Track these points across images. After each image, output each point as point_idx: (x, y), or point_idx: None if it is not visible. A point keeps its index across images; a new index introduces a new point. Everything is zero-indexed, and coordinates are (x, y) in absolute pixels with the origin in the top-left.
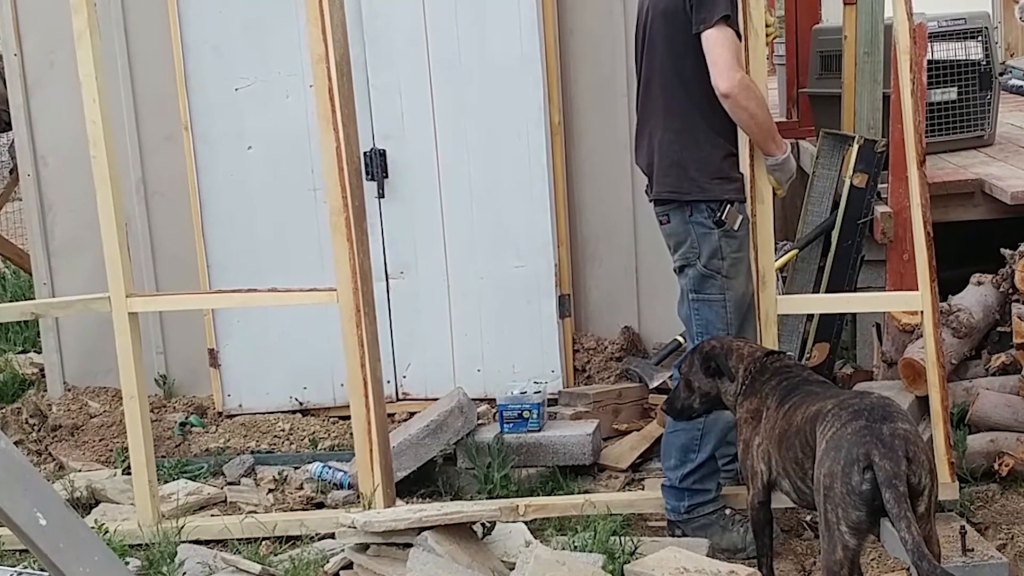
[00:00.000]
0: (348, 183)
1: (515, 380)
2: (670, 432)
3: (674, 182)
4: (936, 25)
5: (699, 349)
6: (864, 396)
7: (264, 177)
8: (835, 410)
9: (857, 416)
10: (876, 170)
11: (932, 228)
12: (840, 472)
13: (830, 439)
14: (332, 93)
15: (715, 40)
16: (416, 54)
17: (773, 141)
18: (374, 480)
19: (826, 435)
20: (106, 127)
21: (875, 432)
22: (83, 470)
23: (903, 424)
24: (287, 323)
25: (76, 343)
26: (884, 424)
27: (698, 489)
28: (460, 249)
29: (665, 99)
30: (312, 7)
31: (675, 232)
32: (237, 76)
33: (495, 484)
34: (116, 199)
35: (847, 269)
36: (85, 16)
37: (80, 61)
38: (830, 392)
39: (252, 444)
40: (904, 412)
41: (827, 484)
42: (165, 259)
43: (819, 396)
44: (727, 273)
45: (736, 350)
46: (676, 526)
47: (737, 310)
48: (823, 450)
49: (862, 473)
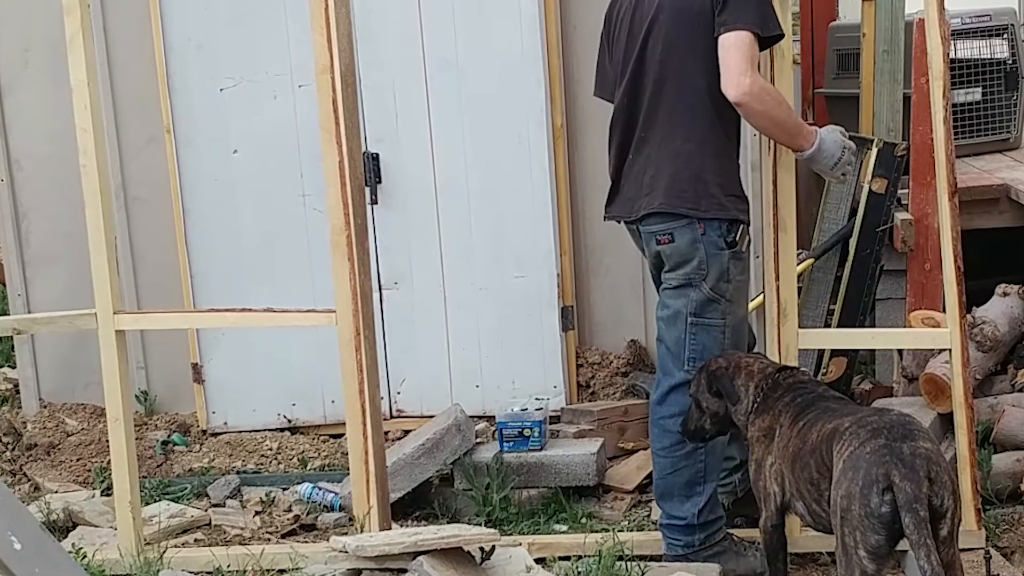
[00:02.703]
0: (351, 199)
1: (515, 396)
2: (668, 473)
3: (693, 197)
4: (959, 22)
5: (705, 368)
6: (883, 413)
7: (250, 182)
8: (853, 428)
9: (876, 434)
10: (896, 175)
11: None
12: (858, 494)
13: (848, 459)
14: (336, 105)
15: (730, 44)
16: (411, 52)
17: (802, 137)
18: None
19: (843, 455)
20: (97, 136)
21: (895, 451)
22: (60, 491)
23: (924, 443)
24: (275, 337)
25: (52, 357)
26: (905, 443)
27: (712, 519)
28: (457, 258)
29: (683, 106)
30: (318, 15)
31: (679, 251)
32: (222, 76)
33: (494, 506)
34: (105, 211)
35: (865, 279)
36: (78, 18)
37: (72, 65)
38: (847, 409)
39: (238, 464)
40: (926, 430)
41: (844, 506)
42: (146, 268)
43: (836, 413)
44: (731, 297)
45: (744, 367)
46: (687, 559)
47: (734, 335)
48: (840, 470)
49: (881, 495)
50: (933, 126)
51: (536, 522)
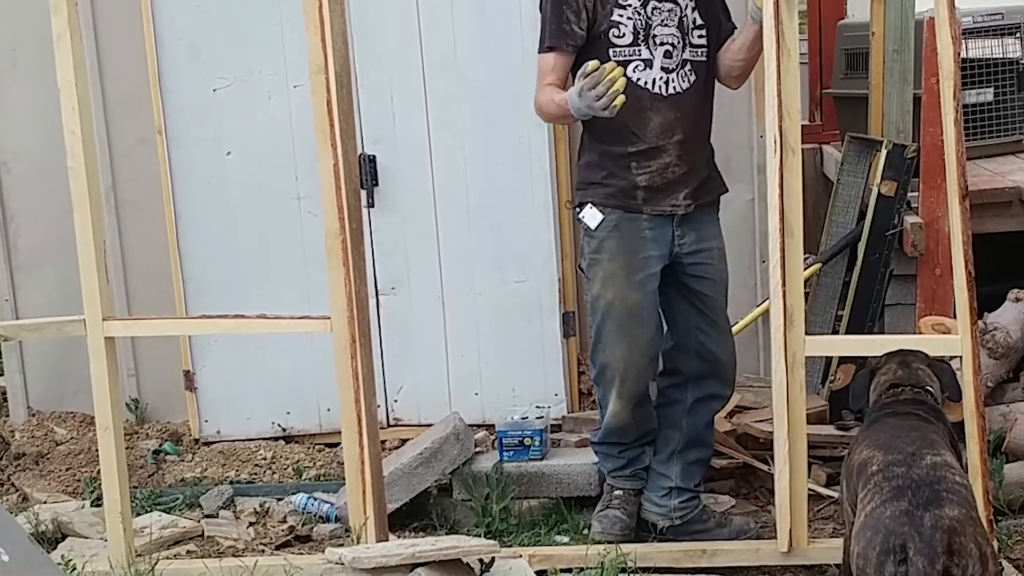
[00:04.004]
0: (347, 202)
1: (515, 404)
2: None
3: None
4: (971, 20)
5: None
6: (914, 463)
7: (244, 184)
8: (879, 477)
9: (899, 495)
10: (906, 177)
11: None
12: (874, 560)
13: (869, 514)
14: (331, 106)
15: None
16: (409, 52)
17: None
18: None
19: (866, 507)
20: (86, 138)
21: (915, 521)
22: (49, 501)
23: (950, 509)
24: (269, 343)
25: (41, 364)
26: (928, 511)
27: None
28: (456, 263)
29: None
30: (312, 14)
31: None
32: (215, 76)
33: (494, 517)
34: (95, 215)
35: (874, 284)
36: (65, 17)
37: (59, 65)
38: (887, 434)
39: (231, 474)
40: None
41: (860, 566)
42: (137, 273)
43: (874, 438)
44: (588, 274)
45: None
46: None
47: (600, 314)
48: (861, 523)
49: (896, 565)
50: (943, 127)
51: (537, 533)
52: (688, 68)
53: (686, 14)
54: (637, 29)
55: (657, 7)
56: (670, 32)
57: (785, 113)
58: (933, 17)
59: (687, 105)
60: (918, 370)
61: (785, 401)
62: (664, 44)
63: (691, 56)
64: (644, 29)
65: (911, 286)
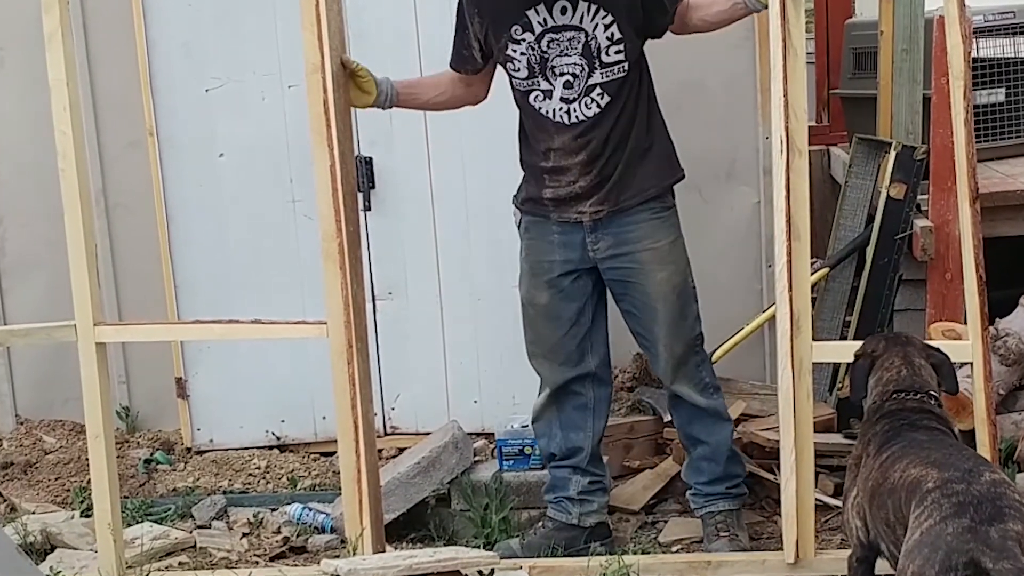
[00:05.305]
0: (343, 205)
1: (516, 413)
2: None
3: None
4: (982, 19)
5: (868, 341)
6: (973, 479)
7: (237, 187)
8: (936, 494)
9: (960, 512)
10: (915, 180)
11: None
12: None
13: (926, 532)
14: (327, 106)
15: None
16: (405, 51)
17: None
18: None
19: (921, 524)
20: (77, 139)
21: (980, 536)
22: (37, 512)
23: (1014, 524)
24: (263, 349)
25: (29, 371)
26: (992, 526)
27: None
28: (454, 267)
29: None
30: (308, 12)
31: None
32: (208, 76)
33: (493, 527)
34: (86, 218)
35: (883, 289)
36: (57, 15)
37: (50, 65)
38: (935, 452)
39: (224, 483)
40: (1016, 502)
41: None
42: (128, 277)
43: (921, 455)
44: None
45: (885, 369)
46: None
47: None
48: (916, 540)
49: None
50: (954, 128)
51: None
52: (598, 92)
53: (594, 36)
54: (531, 64)
55: (555, 39)
56: (571, 61)
57: (791, 114)
58: (943, 16)
59: (595, 131)
60: (921, 369)
61: (792, 409)
62: (564, 74)
63: (602, 78)
64: (540, 63)
65: (921, 291)
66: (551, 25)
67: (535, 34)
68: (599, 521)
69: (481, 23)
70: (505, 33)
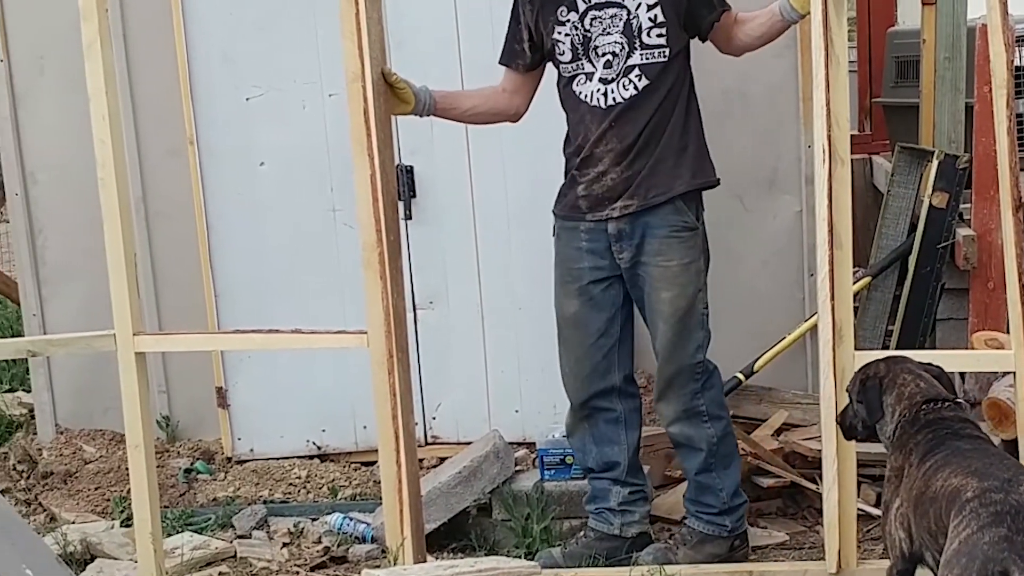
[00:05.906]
0: (383, 214)
1: (557, 422)
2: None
3: None
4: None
5: (864, 369)
6: (1012, 488)
7: (278, 196)
8: (975, 504)
9: (998, 521)
10: (958, 188)
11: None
12: None
13: (964, 541)
14: (368, 115)
15: None
16: (447, 57)
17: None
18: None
19: (960, 533)
20: (116, 147)
21: (1015, 546)
22: (77, 522)
23: None
24: (304, 359)
25: (69, 381)
26: None
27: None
28: (496, 276)
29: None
30: (348, 21)
31: None
32: (248, 84)
33: (534, 537)
34: (125, 227)
35: (926, 299)
36: (96, 24)
37: (89, 74)
38: (976, 461)
39: (265, 493)
40: None
41: None
42: (168, 286)
43: (963, 464)
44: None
45: (899, 385)
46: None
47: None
48: (954, 551)
49: None
50: (996, 137)
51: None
52: (636, 73)
53: (636, 15)
54: (575, 45)
55: (597, 16)
56: (612, 40)
57: (834, 122)
58: (985, 24)
59: (630, 113)
60: (932, 380)
61: (834, 418)
62: (605, 54)
63: (641, 59)
64: (583, 43)
65: (963, 300)
66: (594, 2)
67: (579, 12)
68: (641, 531)
69: (532, 9)
70: (552, 16)
